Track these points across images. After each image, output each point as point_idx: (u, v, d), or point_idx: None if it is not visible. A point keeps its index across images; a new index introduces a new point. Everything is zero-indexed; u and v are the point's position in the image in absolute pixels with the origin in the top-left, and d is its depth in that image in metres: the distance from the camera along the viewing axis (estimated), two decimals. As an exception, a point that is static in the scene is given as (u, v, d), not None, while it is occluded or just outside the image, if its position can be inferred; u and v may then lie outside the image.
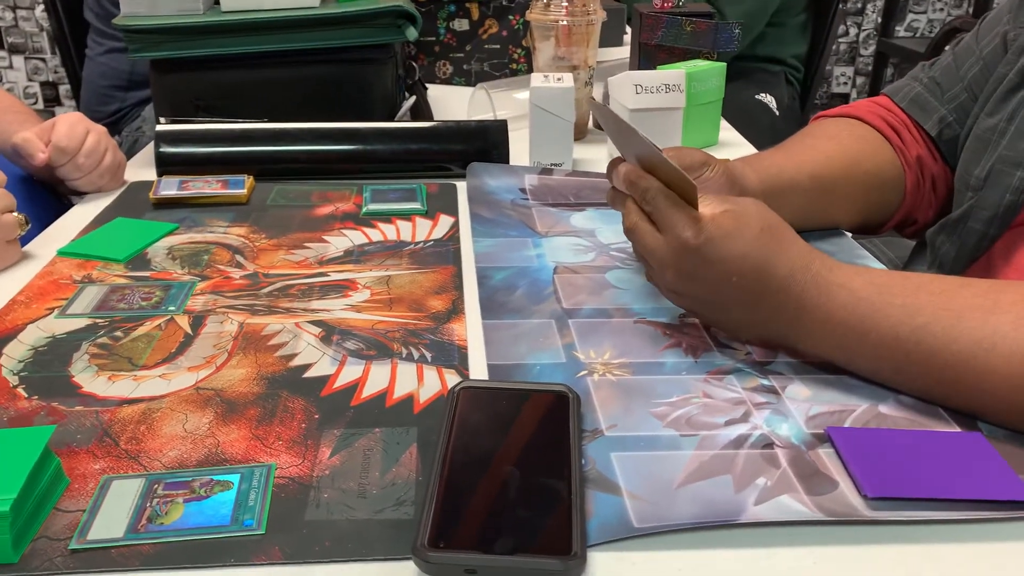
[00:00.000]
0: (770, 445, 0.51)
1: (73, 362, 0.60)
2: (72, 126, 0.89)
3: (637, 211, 0.62)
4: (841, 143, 0.81)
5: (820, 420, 0.54)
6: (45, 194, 0.95)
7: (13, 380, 0.58)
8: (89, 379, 0.58)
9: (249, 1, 1.02)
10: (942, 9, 3.23)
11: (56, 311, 0.67)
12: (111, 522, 0.45)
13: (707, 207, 0.58)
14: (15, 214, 0.75)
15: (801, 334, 0.58)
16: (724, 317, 0.61)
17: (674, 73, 1.01)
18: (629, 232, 0.63)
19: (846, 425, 0.54)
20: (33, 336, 0.63)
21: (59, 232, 0.83)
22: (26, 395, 0.56)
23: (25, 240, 0.79)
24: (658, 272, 0.62)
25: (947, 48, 0.88)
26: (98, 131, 0.92)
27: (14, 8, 3.01)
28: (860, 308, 0.55)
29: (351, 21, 1.02)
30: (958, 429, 0.53)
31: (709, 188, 0.69)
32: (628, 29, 1.82)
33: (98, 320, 0.66)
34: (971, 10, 3.22)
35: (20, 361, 0.60)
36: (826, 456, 0.50)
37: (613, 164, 0.66)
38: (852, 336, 0.55)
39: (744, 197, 0.61)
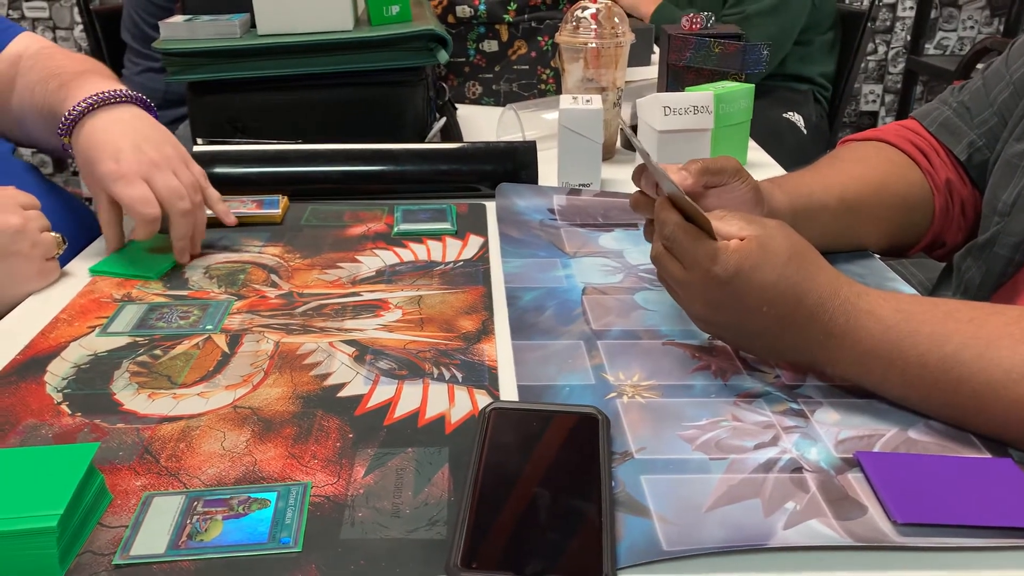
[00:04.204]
0: (799, 469, 0.52)
1: (114, 380, 0.62)
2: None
3: (661, 242, 0.63)
4: (870, 166, 0.81)
5: (849, 444, 0.54)
6: (77, 213, 0.97)
7: (57, 397, 0.59)
8: (130, 396, 0.60)
9: (284, 25, 1.04)
10: (972, 27, 3.21)
11: (97, 329, 0.69)
12: (153, 538, 0.46)
13: (732, 230, 0.58)
14: (52, 234, 0.77)
15: (829, 360, 0.58)
16: (752, 343, 0.61)
17: (703, 95, 1.02)
18: (654, 260, 0.64)
19: (875, 450, 0.54)
20: (75, 354, 0.65)
21: (101, 249, 0.85)
22: (70, 412, 0.58)
23: (64, 259, 0.81)
24: (686, 302, 0.62)
25: (978, 67, 0.88)
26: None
27: (54, 28, 3.09)
28: (889, 335, 0.55)
29: (384, 44, 1.04)
30: (988, 455, 0.53)
31: (737, 201, 0.69)
32: (656, 48, 1.83)
33: (138, 338, 0.67)
34: (1001, 28, 3.19)
35: (63, 378, 0.62)
36: (855, 481, 0.51)
37: (638, 171, 0.67)
38: (880, 363, 0.56)
39: (770, 219, 0.61)
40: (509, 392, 0.61)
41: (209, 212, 0.90)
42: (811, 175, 0.80)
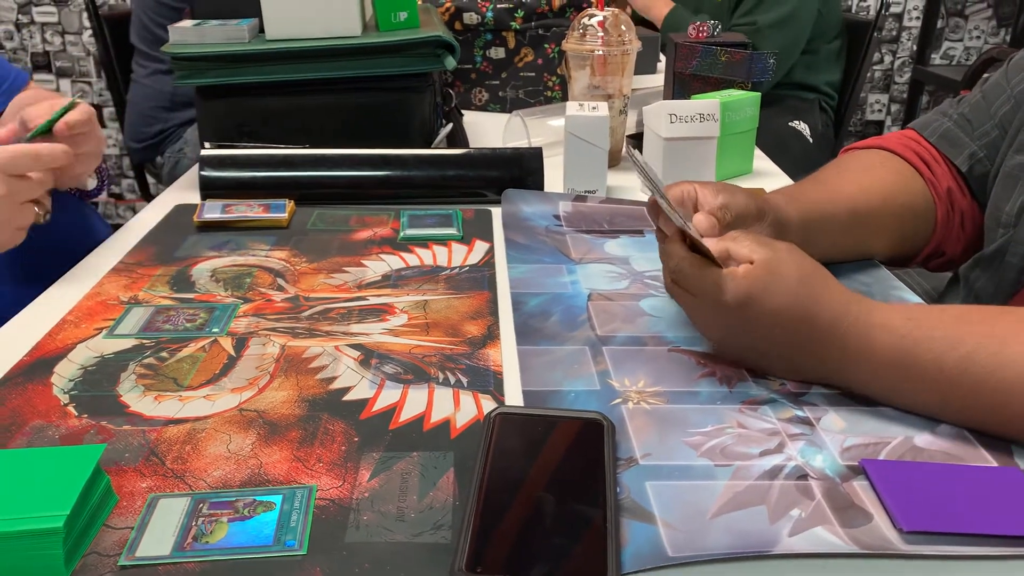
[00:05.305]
0: (804, 476, 0.52)
1: (121, 382, 0.62)
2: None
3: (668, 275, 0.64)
4: (875, 176, 0.81)
5: (855, 452, 0.54)
6: (80, 216, 0.97)
7: (64, 399, 0.60)
8: (136, 399, 0.60)
9: (293, 30, 1.05)
10: (979, 37, 3.21)
11: (104, 331, 0.69)
12: (158, 539, 0.46)
13: (744, 251, 0.59)
14: (36, 209, 0.77)
15: (846, 377, 0.59)
16: (771, 365, 0.62)
17: (709, 103, 1.02)
18: (669, 290, 0.65)
19: (881, 457, 0.54)
20: (82, 356, 0.65)
21: (108, 252, 0.86)
22: (76, 413, 0.58)
23: (69, 264, 0.81)
24: (701, 328, 0.64)
25: (986, 74, 0.88)
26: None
27: (63, 33, 3.10)
28: (903, 344, 0.55)
29: (392, 50, 1.05)
30: (995, 464, 0.53)
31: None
32: (662, 57, 1.84)
33: (144, 341, 0.68)
34: (1008, 39, 3.19)
35: (70, 380, 0.62)
36: (861, 488, 0.51)
37: (653, 209, 0.67)
38: (897, 373, 0.56)
39: (781, 242, 0.61)
40: (514, 397, 0.61)
41: (213, 216, 0.90)
42: (820, 186, 0.80)
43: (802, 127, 2.16)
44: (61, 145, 0.79)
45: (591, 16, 1.09)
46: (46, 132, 0.81)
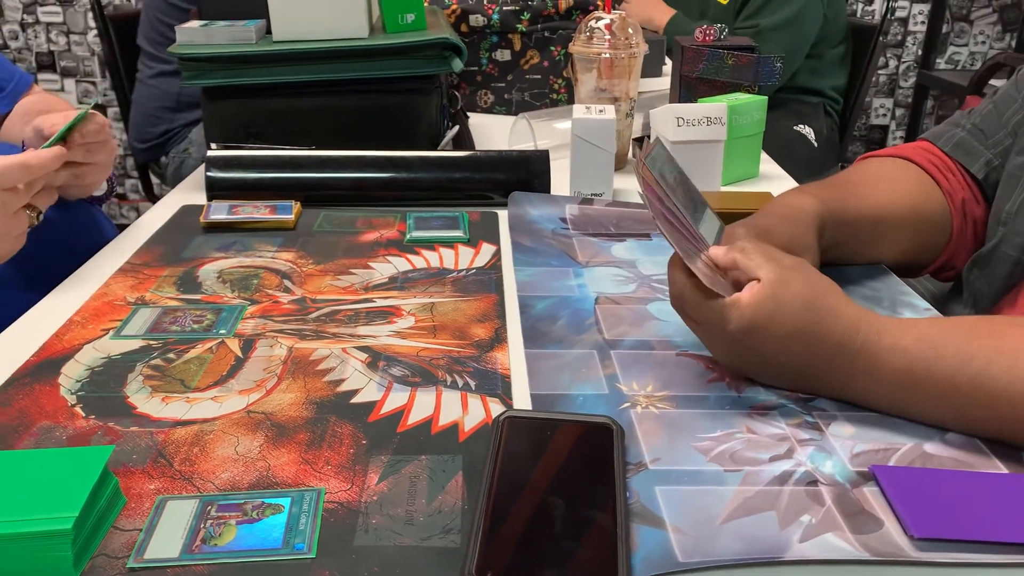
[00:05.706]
0: (814, 482, 0.51)
1: (128, 383, 0.62)
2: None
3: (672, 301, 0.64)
4: (901, 186, 0.81)
5: (864, 458, 0.54)
6: (85, 217, 0.97)
7: (71, 399, 0.59)
8: (143, 400, 0.60)
9: (300, 32, 1.05)
10: (984, 42, 3.20)
11: (111, 332, 0.69)
12: (167, 542, 0.46)
13: (751, 265, 0.58)
14: (28, 212, 0.78)
15: (855, 396, 0.59)
16: (775, 381, 0.62)
17: (716, 106, 1.02)
18: (674, 309, 0.64)
19: (891, 463, 0.53)
20: (89, 356, 0.65)
21: (114, 252, 0.86)
22: (83, 414, 0.58)
23: (75, 265, 0.81)
24: (707, 347, 0.63)
25: (990, 82, 0.89)
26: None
27: (67, 33, 3.11)
28: (915, 366, 0.55)
29: (399, 52, 1.05)
30: (1005, 471, 0.53)
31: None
32: (667, 60, 1.83)
33: (151, 342, 0.68)
34: (1013, 44, 3.19)
35: (77, 381, 0.62)
36: (871, 495, 0.50)
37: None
38: (907, 392, 0.56)
39: (789, 258, 0.60)
40: (522, 401, 0.61)
41: (219, 217, 0.90)
42: (851, 189, 0.79)
43: (807, 131, 2.16)
44: (53, 151, 0.79)
45: (598, 19, 1.09)
46: (60, 142, 0.81)
